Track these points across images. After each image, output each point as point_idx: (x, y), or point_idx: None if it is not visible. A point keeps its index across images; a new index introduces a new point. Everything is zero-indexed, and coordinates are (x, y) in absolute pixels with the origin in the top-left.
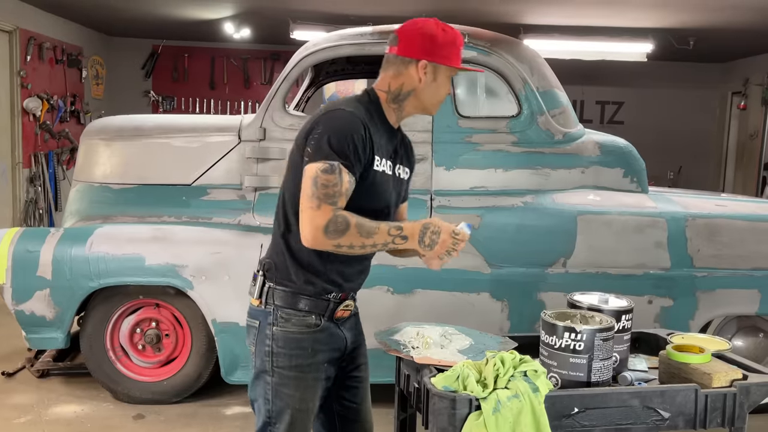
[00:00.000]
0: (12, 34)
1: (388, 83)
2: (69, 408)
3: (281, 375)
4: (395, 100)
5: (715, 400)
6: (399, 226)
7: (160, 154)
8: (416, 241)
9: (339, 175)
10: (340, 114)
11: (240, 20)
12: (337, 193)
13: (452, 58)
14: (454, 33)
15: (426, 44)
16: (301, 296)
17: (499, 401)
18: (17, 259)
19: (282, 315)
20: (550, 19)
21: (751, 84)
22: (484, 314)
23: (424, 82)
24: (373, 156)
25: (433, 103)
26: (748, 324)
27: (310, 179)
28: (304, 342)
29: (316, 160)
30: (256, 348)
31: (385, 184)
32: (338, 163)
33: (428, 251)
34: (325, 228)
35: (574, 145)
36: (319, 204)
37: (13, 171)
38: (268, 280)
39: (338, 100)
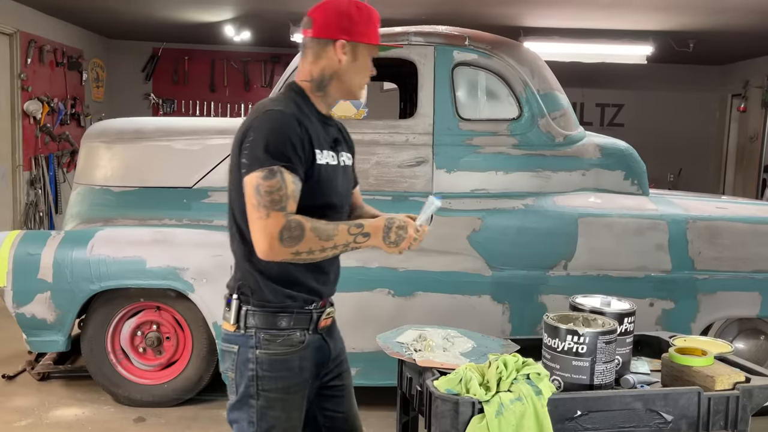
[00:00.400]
0: (12, 36)
1: (309, 71)
2: (70, 411)
3: (267, 398)
4: (319, 87)
5: (718, 402)
6: (359, 224)
7: (160, 156)
8: (380, 238)
9: (282, 179)
10: (271, 115)
11: (240, 23)
12: (284, 197)
13: (371, 36)
14: (369, 9)
15: (342, 22)
16: (283, 314)
17: (502, 404)
18: (18, 262)
19: (265, 337)
20: (550, 22)
21: (751, 86)
22: (485, 317)
23: (344, 63)
24: (313, 151)
25: (356, 84)
26: (749, 326)
27: (253, 189)
28: (292, 362)
29: (254, 169)
30: (237, 374)
31: (333, 177)
32: (278, 166)
33: (393, 248)
34: (280, 236)
35: (574, 148)
36: (268, 212)
37: (14, 174)
38: (243, 303)
39: (265, 100)
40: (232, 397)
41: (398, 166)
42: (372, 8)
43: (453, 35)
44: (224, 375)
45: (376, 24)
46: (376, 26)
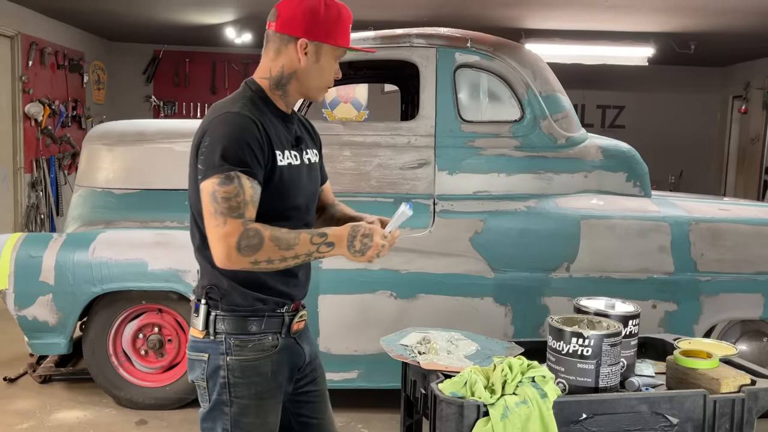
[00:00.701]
0: (14, 39)
1: (268, 68)
2: (71, 414)
3: (240, 405)
4: (278, 86)
5: (724, 405)
6: (322, 233)
7: (162, 159)
8: (345, 247)
9: (240, 185)
10: (227, 118)
11: (241, 25)
12: (242, 203)
13: (337, 36)
14: (339, 8)
15: (306, 20)
16: (253, 318)
17: (507, 407)
18: (20, 264)
19: (236, 343)
20: (551, 24)
21: (752, 88)
22: (488, 319)
23: (304, 64)
24: (274, 152)
25: (316, 87)
26: (751, 328)
27: (209, 196)
28: (263, 367)
29: (211, 175)
30: (208, 383)
31: (296, 177)
32: (235, 171)
33: (359, 257)
34: (237, 245)
35: (576, 150)
36: (225, 220)
37: (15, 176)
38: (212, 308)
39: (221, 101)
40: (204, 405)
41: (400, 168)
42: (343, 7)
43: (455, 37)
44: (196, 384)
45: (346, 24)
46: (345, 27)
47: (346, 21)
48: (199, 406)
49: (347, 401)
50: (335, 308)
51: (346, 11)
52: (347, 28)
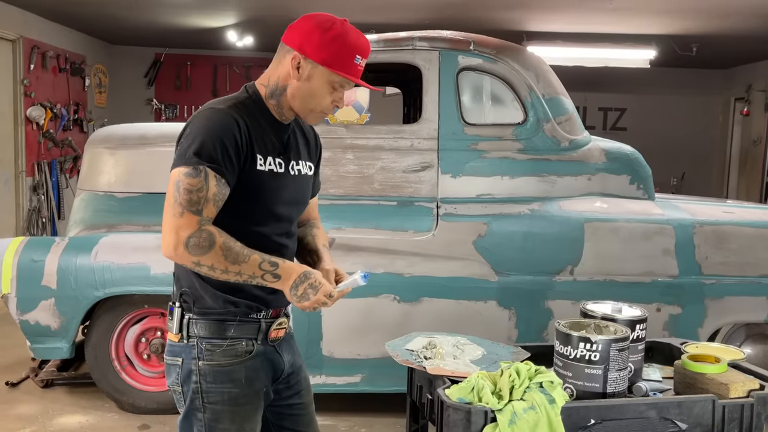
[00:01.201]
0: (15, 42)
1: (268, 76)
2: (73, 418)
3: (214, 411)
4: (272, 95)
5: (733, 410)
6: (274, 263)
7: (164, 162)
8: (288, 286)
9: (205, 179)
10: (210, 114)
11: (243, 28)
12: (203, 198)
13: (333, 62)
14: (345, 32)
15: (305, 35)
16: (226, 322)
17: (515, 413)
18: (22, 268)
19: (207, 347)
20: (553, 26)
21: (754, 90)
22: (492, 322)
23: (293, 79)
24: (254, 156)
25: (306, 108)
26: (756, 332)
27: (173, 184)
28: (237, 373)
29: (180, 164)
30: (182, 388)
31: (278, 185)
32: (204, 166)
33: (295, 300)
34: (186, 241)
35: (580, 152)
36: (182, 211)
37: (17, 179)
38: (186, 311)
39: (213, 100)
40: (180, 411)
41: (403, 171)
42: (353, 35)
43: (458, 40)
44: (172, 390)
45: (350, 52)
46: (347, 54)
47: (352, 49)
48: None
49: (351, 405)
50: (338, 312)
51: (354, 39)
52: (350, 56)
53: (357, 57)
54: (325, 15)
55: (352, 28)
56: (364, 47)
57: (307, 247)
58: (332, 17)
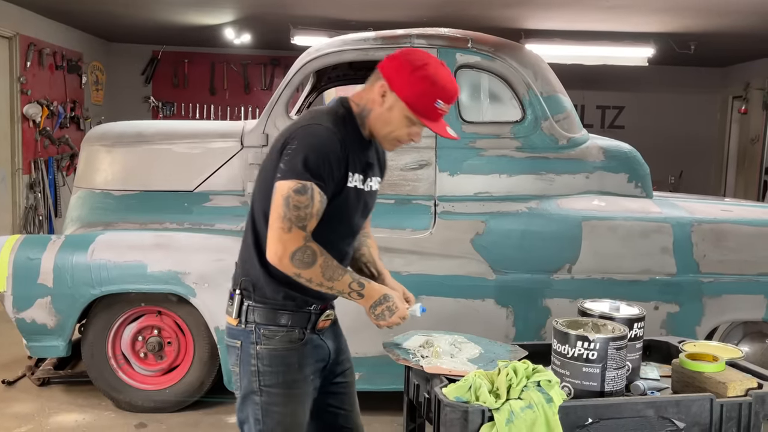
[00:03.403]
0: (12, 40)
1: (360, 95)
2: (70, 417)
3: (270, 393)
4: (360, 116)
5: (731, 409)
6: (361, 284)
7: (161, 160)
8: (369, 305)
9: (311, 197)
10: (317, 131)
11: (240, 26)
12: (309, 215)
13: (415, 101)
14: (434, 73)
15: (397, 67)
16: (282, 312)
17: (512, 412)
18: (18, 266)
19: (264, 333)
20: (551, 24)
21: (752, 88)
22: (489, 321)
23: (377, 105)
24: (347, 172)
25: (383, 134)
26: (754, 330)
27: (282, 198)
28: (290, 358)
29: (289, 178)
30: (241, 369)
31: (356, 200)
32: (312, 183)
33: (373, 318)
34: (292, 255)
35: (578, 150)
36: (291, 227)
37: (13, 177)
38: (246, 298)
39: (314, 112)
40: (237, 393)
41: (401, 169)
42: (447, 82)
43: (456, 37)
44: (231, 370)
45: (434, 96)
46: (431, 98)
47: (436, 93)
48: (198, 410)
49: None
50: (336, 310)
51: (442, 84)
52: (432, 100)
53: (439, 101)
54: (422, 53)
55: (443, 72)
56: (449, 93)
57: (362, 258)
58: (428, 57)
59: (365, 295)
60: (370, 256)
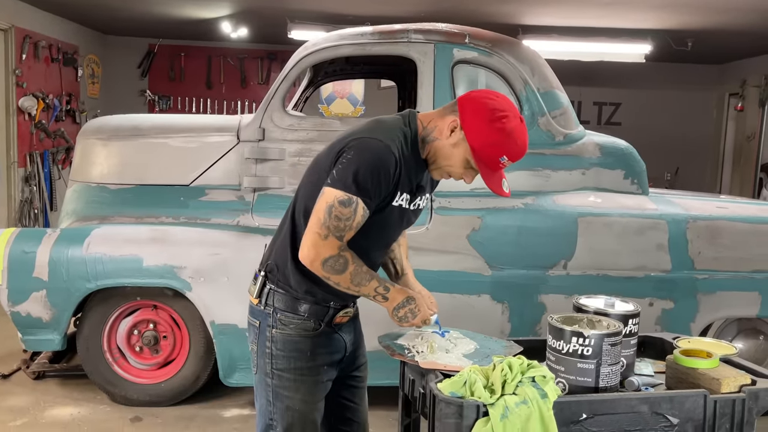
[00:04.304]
0: (7, 32)
1: (429, 119)
2: (65, 410)
3: (280, 377)
4: (423, 139)
5: (724, 405)
6: (387, 288)
7: (157, 154)
8: (392, 307)
9: (354, 211)
10: (375, 146)
11: (237, 19)
12: (348, 227)
13: (481, 150)
14: (510, 130)
15: (475, 110)
16: (302, 301)
17: (507, 407)
18: (13, 260)
19: (281, 318)
20: (548, 20)
21: (749, 85)
22: (485, 316)
23: (444, 139)
24: (396, 191)
25: (438, 165)
26: (748, 326)
27: (326, 205)
28: (303, 345)
29: (337, 187)
30: (258, 348)
31: (397, 218)
32: (357, 198)
33: (396, 320)
34: (324, 261)
35: (574, 147)
36: (327, 234)
37: (8, 170)
38: (269, 281)
39: (379, 122)
40: (254, 372)
41: None
42: (519, 141)
43: (453, 33)
44: (249, 348)
45: (501, 152)
46: (498, 153)
47: (504, 149)
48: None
49: None
50: None
51: (513, 142)
52: (498, 155)
53: (504, 157)
54: (506, 104)
55: (520, 130)
56: (519, 152)
57: (389, 254)
58: (512, 111)
59: (390, 299)
60: (399, 254)
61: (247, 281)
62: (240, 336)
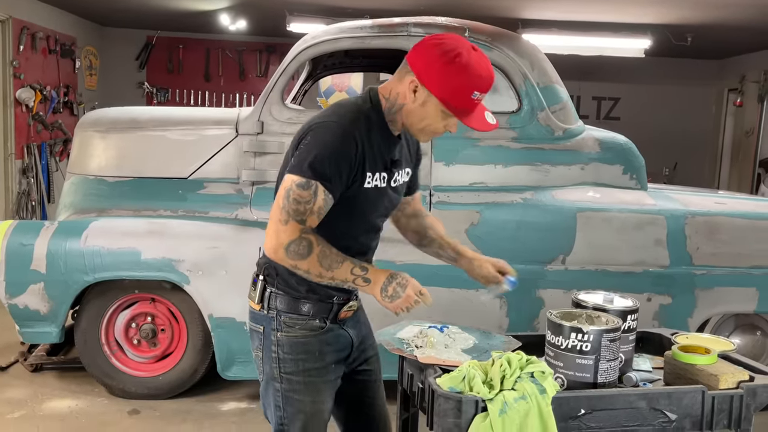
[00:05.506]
0: (5, 23)
1: (389, 89)
2: (63, 403)
3: (290, 381)
4: (389, 111)
5: (722, 401)
6: (365, 267)
7: (156, 146)
8: (378, 288)
9: (314, 194)
10: (332, 128)
11: (236, 12)
12: (308, 210)
13: (450, 98)
14: (467, 64)
15: (427, 62)
16: (304, 301)
17: (505, 402)
18: (11, 252)
19: (285, 321)
20: (548, 14)
21: (748, 81)
22: (483, 311)
23: (410, 102)
24: (364, 174)
25: (418, 129)
26: (745, 322)
27: (284, 190)
28: (311, 346)
29: (295, 172)
30: (263, 354)
31: (375, 198)
32: (316, 182)
33: (387, 302)
34: (287, 247)
35: (574, 142)
36: (287, 219)
37: (6, 162)
38: (268, 285)
39: (337, 106)
40: (259, 378)
41: None
42: (480, 70)
43: (453, 27)
44: (254, 354)
45: (469, 89)
46: (467, 92)
47: (470, 85)
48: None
49: None
50: None
51: (476, 74)
52: (467, 93)
53: (475, 93)
54: (451, 39)
55: (477, 59)
56: (486, 82)
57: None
58: (459, 42)
59: (372, 279)
60: (441, 237)
61: (246, 275)
62: (238, 329)
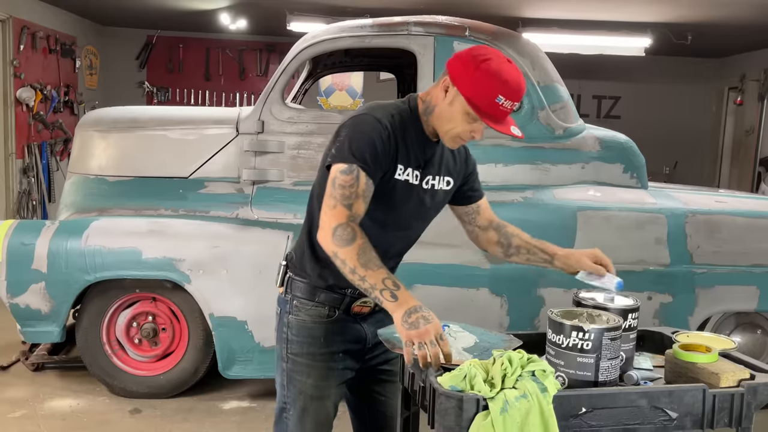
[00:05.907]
0: (5, 22)
1: (428, 92)
2: (64, 402)
3: (294, 362)
4: (425, 112)
5: (723, 400)
6: (398, 285)
7: (156, 146)
8: (402, 311)
9: (356, 178)
10: (364, 119)
11: (236, 11)
12: (354, 194)
13: (475, 97)
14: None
15: (461, 63)
16: (318, 288)
17: (507, 401)
18: (12, 252)
19: (297, 304)
20: (549, 13)
21: (748, 80)
22: (484, 310)
23: (441, 103)
24: (396, 165)
25: (443, 130)
26: (746, 320)
27: (331, 180)
28: (316, 331)
29: (336, 161)
30: (277, 334)
31: (405, 194)
32: (356, 165)
33: (404, 327)
34: (334, 230)
35: (574, 140)
36: (335, 204)
37: (6, 162)
38: (289, 270)
39: (374, 104)
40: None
41: None
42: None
43: (453, 26)
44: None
45: (494, 93)
46: (492, 95)
47: (497, 89)
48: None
49: None
50: None
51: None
52: (492, 96)
53: (500, 97)
54: (488, 49)
55: (508, 69)
56: (512, 89)
57: (520, 251)
58: (494, 53)
59: (399, 298)
60: (529, 241)
61: (246, 274)
62: (239, 328)
